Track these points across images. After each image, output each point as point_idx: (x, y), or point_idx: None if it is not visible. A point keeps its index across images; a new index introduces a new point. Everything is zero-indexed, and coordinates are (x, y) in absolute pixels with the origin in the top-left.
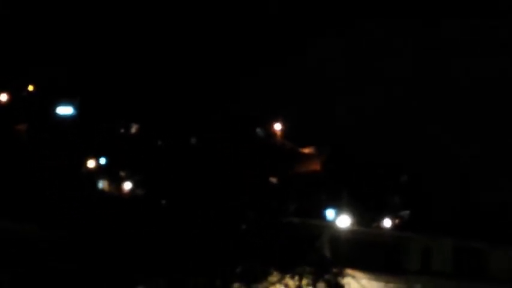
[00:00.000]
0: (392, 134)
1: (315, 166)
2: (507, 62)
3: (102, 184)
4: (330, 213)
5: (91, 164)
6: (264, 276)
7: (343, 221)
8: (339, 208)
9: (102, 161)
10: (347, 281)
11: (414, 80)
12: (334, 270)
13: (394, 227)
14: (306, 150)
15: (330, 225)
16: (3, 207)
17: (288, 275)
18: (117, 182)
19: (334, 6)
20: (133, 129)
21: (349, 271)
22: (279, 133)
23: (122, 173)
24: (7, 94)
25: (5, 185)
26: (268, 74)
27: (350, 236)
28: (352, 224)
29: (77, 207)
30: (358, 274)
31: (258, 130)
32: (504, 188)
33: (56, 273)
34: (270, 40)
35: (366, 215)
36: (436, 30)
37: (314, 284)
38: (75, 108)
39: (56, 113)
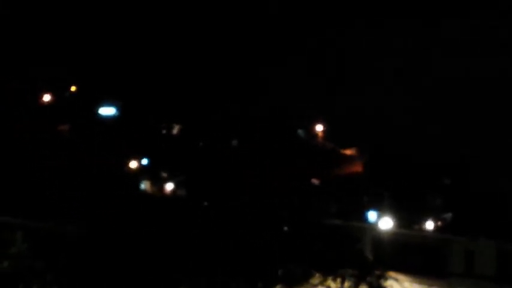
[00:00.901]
0: (435, 135)
1: (357, 167)
2: None
3: (144, 185)
4: (372, 215)
5: (133, 164)
6: (305, 278)
7: (385, 223)
8: (381, 210)
9: (144, 161)
10: (389, 283)
11: (459, 81)
12: (377, 272)
13: (437, 229)
14: (348, 152)
15: (372, 227)
16: (47, 208)
17: (330, 278)
18: (159, 183)
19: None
20: (175, 130)
21: (391, 274)
22: (320, 134)
23: (164, 174)
24: (50, 95)
25: (48, 185)
26: (310, 76)
27: (392, 238)
28: (394, 226)
29: (119, 208)
30: (400, 277)
31: (300, 131)
32: None
33: (99, 272)
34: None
35: (408, 217)
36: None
37: (356, 287)
38: (118, 109)
39: (99, 114)
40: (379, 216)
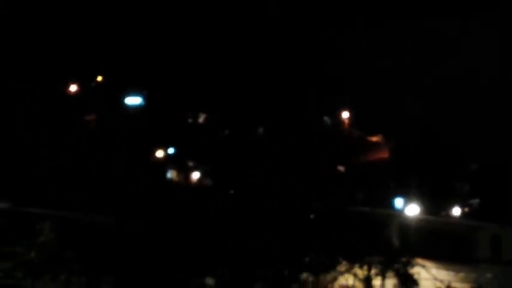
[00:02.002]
0: (462, 122)
1: (383, 154)
2: None
3: (170, 174)
4: (398, 202)
5: (160, 153)
6: (332, 266)
7: (411, 209)
8: (408, 197)
9: (171, 150)
10: (416, 270)
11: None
12: (403, 259)
13: (464, 215)
14: (374, 138)
15: (398, 214)
16: (74, 198)
17: (356, 265)
18: (185, 172)
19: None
20: (201, 119)
21: (418, 260)
22: (346, 121)
23: (190, 163)
24: (77, 85)
25: (74, 176)
26: (334, 63)
27: (419, 225)
28: (421, 213)
29: (147, 197)
30: (427, 263)
31: (326, 118)
32: None
33: (125, 262)
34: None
35: (434, 204)
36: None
37: (383, 274)
38: (144, 98)
39: (125, 103)
40: (405, 203)
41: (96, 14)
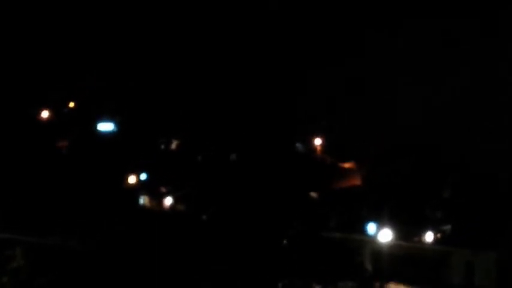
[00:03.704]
0: (434, 147)
1: (356, 181)
2: None
3: (143, 200)
4: (371, 228)
5: (132, 179)
6: None
7: (384, 235)
8: (380, 222)
9: (143, 176)
10: None
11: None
12: (376, 284)
13: (436, 241)
14: (346, 165)
15: (371, 240)
16: (45, 224)
17: None
18: (158, 198)
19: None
20: (174, 145)
21: (391, 286)
22: (319, 148)
23: (163, 189)
24: (48, 110)
25: (47, 202)
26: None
27: (392, 251)
28: (394, 239)
29: (118, 223)
30: None
31: (298, 145)
32: None
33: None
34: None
35: (407, 229)
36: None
37: None
38: (116, 124)
39: (97, 130)
40: (378, 229)
41: (67, 38)
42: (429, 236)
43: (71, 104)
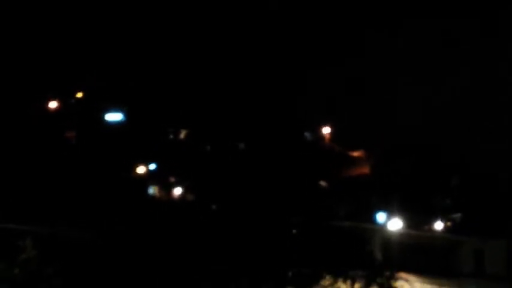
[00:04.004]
0: (443, 135)
1: (365, 169)
2: None
3: (152, 190)
4: (380, 217)
5: (141, 170)
6: (315, 280)
7: (394, 224)
8: (390, 211)
9: (152, 166)
10: (399, 284)
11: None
12: (387, 273)
13: (446, 229)
14: (355, 154)
15: (381, 229)
16: (55, 215)
17: (340, 279)
18: (167, 188)
19: (382, 5)
20: (182, 134)
21: (401, 275)
22: (327, 136)
23: (172, 179)
24: (56, 101)
25: (56, 193)
26: (316, 77)
27: (401, 239)
28: (404, 227)
29: (128, 213)
30: (410, 277)
31: (307, 134)
32: None
33: (107, 278)
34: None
35: (417, 218)
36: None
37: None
38: (124, 114)
39: (105, 120)
40: (388, 218)
41: (75, 29)
42: (439, 225)
43: (79, 94)
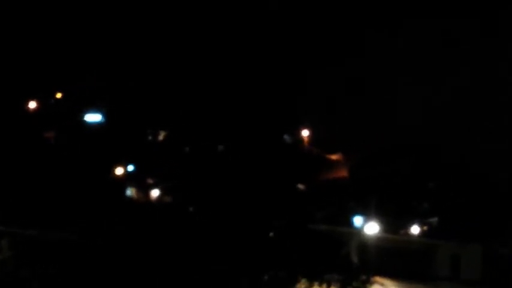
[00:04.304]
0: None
1: (342, 173)
2: None
3: (130, 191)
4: (357, 220)
5: (119, 171)
6: (291, 283)
7: (371, 228)
8: (367, 215)
9: (130, 168)
10: None
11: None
12: (363, 277)
13: (422, 233)
14: (333, 157)
15: (357, 232)
16: (31, 215)
17: (316, 283)
18: (145, 189)
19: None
20: (161, 136)
21: (377, 279)
22: (306, 139)
23: (150, 180)
24: (35, 101)
25: (33, 193)
26: (295, 80)
27: (378, 243)
28: (380, 231)
29: (105, 215)
30: (386, 282)
31: (285, 137)
32: None
33: (85, 281)
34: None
35: (393, 222)
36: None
37: None
38: (103, 115)
39: (84, 121)
40: (364, 221)
41: (55, 29)
42: (415, 229)
43: (58, 95)
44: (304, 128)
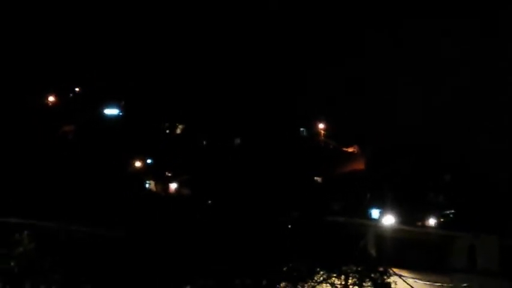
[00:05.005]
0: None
1: (359, 165)
2: None
3: (149, 184)
4: (374, 212)
5: (138, 164)
6: (310, 275)
7: (388, 220)
8: (384, 207)
9: (149, 161)
10: (393, 279)
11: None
12: (380, 269)
13: (439, 225)
14: (350, 149)
15: (375, 225)
16: (52, 208)
17: (334, 274)
18: (163, 182)
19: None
20: (179, 129)
21: (395, 270)
22: (322, 133)
23: (168, 173)
24: (54, 96)
25: (54, 186)
26: (311, 75)
27: (395, 235)
28: (397, 223)
29: (125, 207)
30: (404, 273)
31: (302, 130)
32: None
33: (105, 272)
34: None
35: (410, 214)
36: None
37: (360, 283)
38: (121, 109)
39: (103, 114)
40: (381, 213)
41: (74, 26)
42: (432, 221)
43: (77, 89)
44: (320, 121)
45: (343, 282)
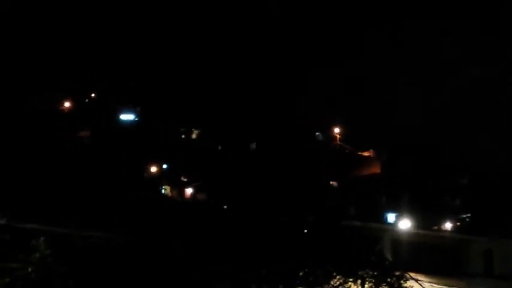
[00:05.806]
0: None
1: (375, 169)
2: None
3: (164, 189)
4: (390, 217)
5: (154, 169)
6: (326, 279)
7: (404, 224)
8: (400, 211)
9: (164, 166)
10: (409, 284)
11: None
12: (396, 273)
13: (455, 229)
14: (365, 153)
15: (391, 229)
16: (68, 214)
17: (350, 279)
18: (179, 187)
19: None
20: (194, 134)
21: (411, 274)
22: (338, 137)
23: (184, 178)
24: (70, 101)
25: (70, 192)
26: (326, 79)
27: (411, 239)
28: (413, 227)
29: (141, 212)
30: (420, 277)
31: (318, 134)
32: None
33: (119, 277)
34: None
35: (426, 218)
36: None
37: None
38: (137, 114)
39: (119, 119)
40: (397, 218)
41: (89, 31)
42: (448, 225)
43: (93, 95)
44: (336, 126)
45: (359, 287)
